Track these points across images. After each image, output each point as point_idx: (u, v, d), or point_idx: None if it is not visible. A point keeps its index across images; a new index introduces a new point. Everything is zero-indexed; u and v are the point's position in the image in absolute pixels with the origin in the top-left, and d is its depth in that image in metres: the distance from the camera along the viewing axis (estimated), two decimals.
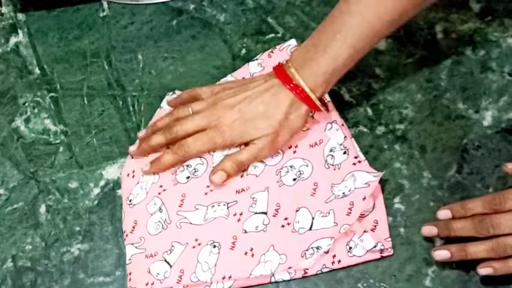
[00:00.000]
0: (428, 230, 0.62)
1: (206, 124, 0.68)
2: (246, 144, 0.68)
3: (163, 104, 0.75)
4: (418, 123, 0.70)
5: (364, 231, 0.63)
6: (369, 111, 0.72)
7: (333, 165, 0.67)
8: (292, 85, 0.66)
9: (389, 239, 0.64)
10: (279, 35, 0.79)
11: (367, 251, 0.63)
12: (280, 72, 0.67)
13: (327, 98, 0.71)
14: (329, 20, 0.66)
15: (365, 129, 0.71)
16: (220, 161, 0.68)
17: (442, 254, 0.61)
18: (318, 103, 0.66)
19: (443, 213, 0.62)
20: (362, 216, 0.65)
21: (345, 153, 0.67)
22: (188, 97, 0.72)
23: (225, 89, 0.69)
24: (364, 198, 0.64)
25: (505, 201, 0.59)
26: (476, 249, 0.59)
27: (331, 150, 0.68)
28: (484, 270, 0.59)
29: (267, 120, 0.66)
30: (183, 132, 0.68)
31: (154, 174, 0.70)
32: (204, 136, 0.68)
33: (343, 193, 0.65)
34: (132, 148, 0.71)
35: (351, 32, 0.64)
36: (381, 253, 0.63)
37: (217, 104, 0.68)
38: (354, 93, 0.73)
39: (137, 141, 0.72)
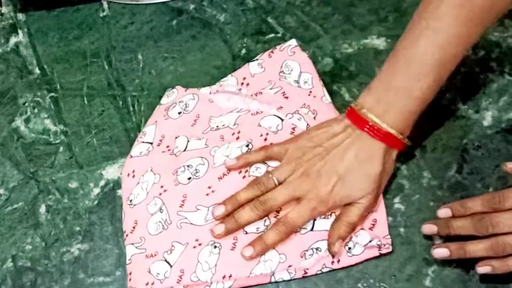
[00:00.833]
0: (429, 228, 0.63)
1: (301, 194, 0.64)
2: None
3: (163, 100, 0.75)
4: (418, 123, 0.70)
5: (361, 229, 0.64)
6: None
7: None
8: (381, 135, 0.62)
9: (388, 236, 0.64)
10: (279, 35, 0.79)
11: (365, 248, 0.63)
12: (361, 122, 0.63)
13: (328, 99, 0.71)
14: (401, 56, 0.62)
15: None
16: (332, 226, 0.64)
17: (441, 252, 0.61)
18: (409, 143, 0.64)
19: (443, 212, 0.62)
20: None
21: None
22: (258, 160, 0.67)
23: (303, 149, 0.65)
24: None
25: (504, 200, 0.59)
26: (475, 248, 0.60)
27: None
28: (482, 268, 0.60)
29: (367, 179, 0.63)
30: (278, 206, 0.64)
31: (255, 257, 0.64)
32: (306, 208, 0.63)
33: None
34: (219, 230, 0.64)
35: (428, 68, 0.61)
36: (379, 250, 0.63)
37: (307, 171, 0.64)
38: (354, 93, 0.73)
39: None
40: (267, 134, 0.70)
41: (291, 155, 0.66)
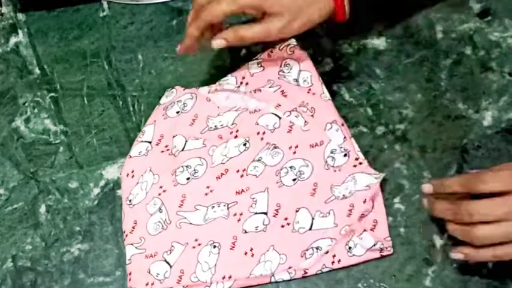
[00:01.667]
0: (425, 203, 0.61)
1: None
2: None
3: (162, 100, 0.75)
4: (418, 123, 0.70)
5: (364, 230, 0.64)
6: (369, 111, 0.72)
7: (333, 166, 0.67)
8: None
9: (389, 238, 0.64)
10: None
11: (367, 250, 0.63)
12: None
13: (327, 96, 0.71)
14: None
15: (365, 129, 0.71)
16: (224, 31, 0.67)
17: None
18: (347, 10, 0.65)
19: (426, 187, 0.61)
20: (362, 216, 0.65)
21: (345, 155, 0.67)
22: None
23: None
24: (364, 201, 0.64)
25: (479, 182, 0.56)
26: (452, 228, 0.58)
27: (331, 152, 0.68)
28: (455, 255, 0.59)
29: (285, 3, 0.64)
30: (212, 18, 0.66)
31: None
32: None
33: (343, 195, 0.65)
34: (179, 47, 0.69)
35: None
36: (380, 252, 0.63)
37: None
38: (354, 93, 0.73)
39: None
40: (264, 132, 0.70)
41: None
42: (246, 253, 0.64)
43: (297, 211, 0.65)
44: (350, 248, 0.64)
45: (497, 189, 0.54)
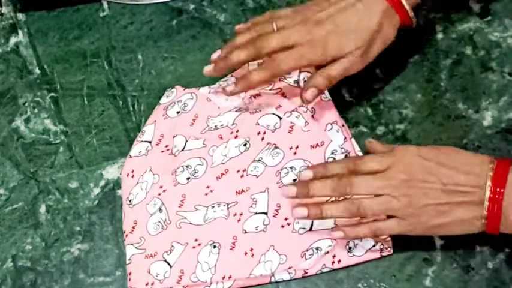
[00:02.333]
0: (289, 189, 0.62)
1: (296, 40, 0.64)
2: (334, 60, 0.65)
3: (162, 100, 0.75)
4: (418, 123, 0.70)
5: None
6: (369, 111, 0.72)
7: None
8: None
9: (389, 239, 0.64)
10: None
11: (367, 251, 0.63)
12: None
13: (328, 96, 0.71)
14: None
15: (365, 129, 0.71)
16: (310, 76, 0.65)
17: (299, 211, 0.61)
18: (412, 15, 0.65)
19: (305, 174, 0.62)
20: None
21: (346, 156, 0.67)
22: (265, 19, 0.68)
23: (310, 6, 0.66)
24: None
25: (361, 164, 0.60)
26: (331, 207, 0.60)
27: (332, 153, 0.68)
28: (335, 233, 0.61)
29: (360, 33, 0.63)
30: (269, 49, 0.64)
31: (238, 93, 0.66)
32: (295, 53, 0.64)
33: None
34: (208, 68, 0.66)
35: None
36: (380, 252, 0.63)
37: (306, 20, 0.64)
38: (354, 93, 0.73)
39: (211, 63, 0.69)
40: (265, 132, 0.70)
41: (296, 11, 0.66)
42: (246, 253, 0.64)
43: None
44: (350, 248, 0.64)
45: (374, 168, 0.59)
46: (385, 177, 0.59)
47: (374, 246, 0.63)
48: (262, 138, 0.69)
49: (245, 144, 0.69)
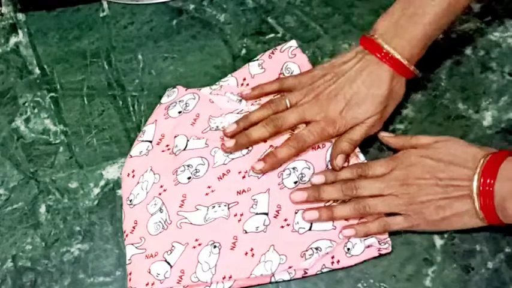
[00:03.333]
0: (299, 195, 0.65)
1: (311, 117, 0.67)
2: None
3: (163, 100, 0.75)
4: (418, 123, 0.70)
5: None
6: (419, 73, 0.71)
7: None
8: (389, 60, 0.65)
9: (388, 239, 0.64)
10: (279, 35, 0.79)
11: (365, 248, 0.63)
12: (372, 47, 0.66)
13: None
14: None
15: None
16: (335, 143, 0.67)
17: (310, 214, 0.64)
18: (417, 72, 0.67)
19: (317, 178, 0.66)
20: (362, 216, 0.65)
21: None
22: (273, 90, 0.72)
23: (315, 78, 0.69)
24: None
25: (368, 169, 0.65)
26: (341, 209, 0.64)
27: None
28: (347, 231, 0.64)
29: (372, 101, 0.66)
30: (287, 126, 0.68)
31: (266, 171, 0.68)
32: (315, 128, 0.67)
33: None
34: (229, 144, 0.68)
35: None
36: (379, 250, 0.63)
37: (318, 95, 0.67)
38: None
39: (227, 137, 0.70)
40: None
41: (304, 83, 0.69)
42: (246, 253, 0.64)
43: (296, 212, 0.66)
44: (348, 249, 0.64)
45: (379, 172, 0.64)
46: (388, 179, 0.64)
47: (373, 244, 0.63)
48: (265, 140, 0.69)
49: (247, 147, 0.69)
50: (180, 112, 0.73)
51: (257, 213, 0.66)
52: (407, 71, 0.66)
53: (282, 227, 0.65)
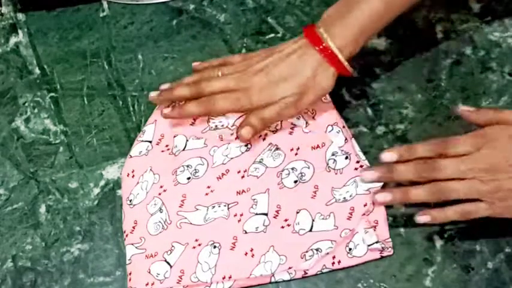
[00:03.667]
0: (370, 174, 0.61)
1: (234, 86, 0.68)
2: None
3: None
4: (418, 123, 0.70)
5: (370, 228, 0.64)
6: (369, 111, 0.72)
7: (334, 169, 0.67)
8: (320, 46, 0.65)
9: (389, 240, 0.64)
10: (279, 35, 0.79)
11: (368, 250, 0.63)
12: (309, 32, 0.66)
13: (328, 98, 0.71)
14: None
15: (365, 129, 0.71)
16: (245, 117, 0.68)
17: (382, 196, 0.61)
18: (346, 64, 0.65)
19: (388, 156, 0.61)
20: (363, 214, 0.65)
21: (346, 158, 0.67)
22: (217, 63, 0.73)
23: (256, 56, 0.70)
24: (365, 205, 0.64)
25: (449, 146, 0.59)
26: (417, 192, 0.59)
27: (333, 155, 0.68)
28: (422, 218, 0.60)
29: (291, 82, 0.66)
30: (209, 90, 0.69)
31: (172, 118, 0.70)
32: (231, 96, 0.68)
33: (344, 198, 0.65)
34: (153, 94, 0.71)
35: None
36: (380, 253, 0.63)
37: (246, 68, 0.68)
38: (354, 93, 0.73)
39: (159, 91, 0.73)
40: (266, 134, 0.70)
41: (244, 59, 0.71)
42: (246, 253, 0.64)
43: (297, 212, 0.65)
44: (350, 249, 0.64)
45: (463, 151, 0.58)
46: (473, 160, 0.58)
47: (377, 242, 0.63)
48: (264, 139, 0.69)
49: (246, 145, 0.69)
50: None
51: (257, 214, 0.66)
52: (337, 62, 0.65)
53: (282, 227, 0.65)
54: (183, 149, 0.70)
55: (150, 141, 0.72)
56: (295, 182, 0.67)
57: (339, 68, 0.66)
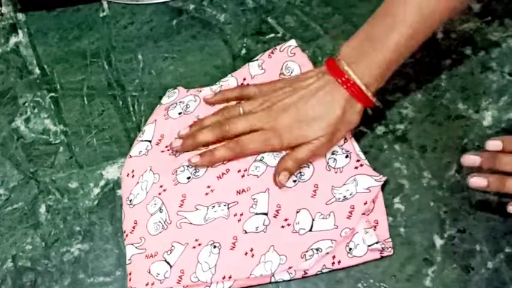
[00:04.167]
0: (471, 159, 0.61)
1: (261, 126, 0.67)
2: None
3: (164, 100, 0.75)
4: (418, 123, 0.70)
5: (370, 228, 0.63)
6: (369, 111, 0.71)
7: (334, 168, 0.67)
8: (347, 83, 0.64)
9: (390, 240, 0.64)
10: (279, 35, 0.79)
11: (368, 250, 0.63)
12: (333, 68, 0.66)
13: None
14: (382, 11, 0.64)
15: (365, 129, 0.71)
16: (280, 161, 0.67)
17: (478, 181, 0.60)
18: (374, 99, 0.65)
19: (494, 144, 0.60)
20: (363, 214, 0.65)
21: (347, 156, 0.67)
22: (234, 97, 0.72)
23: (276, 89, 0.69)
24: (365, 203, 0.64)
25: None
26: None
27: (333, 153, 0.68)
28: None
29: (323, 122, 0.65)
30: (235, 131, 0.68)
31: (202, 167, 0.68)
32: (260, 136, 0.67)
33: (344, 196, 0.65)
34: (176, 143, 0.70)
35: (407, 21, 0.62)
36: (381, 253, 0.63)
37: (271, 105, 0.67)
38: None
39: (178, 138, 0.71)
40: None
41: (264, 93, 0.69)
42: (246, 253, 0.64)
43: (297, 212, 0.65)
44: (350, 249, 0.64)
45: None
46: None
47: (376, 243, 0.63)
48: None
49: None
50: (180, 113, 0.73)
51: (257, 213, 0.66)
52: (364, 98, 0.65)
53: (283, 227, 0.65)
54: None
55: (150, 141, 0.72)
56: (295, 181, 0.67)
57: (366, 103, 0.66)
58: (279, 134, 0.66)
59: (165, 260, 0.65)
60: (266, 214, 0.66)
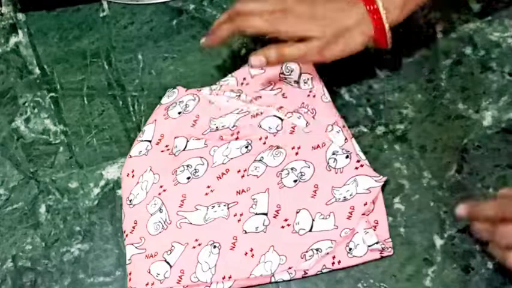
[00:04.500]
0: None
1: (273, 8, 0.66)
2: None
3: (163, 100, 0.75)
4: (418, 123, 0.70)
5: (369, 228, 0.63)
6: (369, 111, 0.72)
7: (334, 168, 0.67)
8: (369, 2, 0.64)
9: (390, 240, 0.64)
10: None
11: (368, 250, 0.63)
12: None
13: (328, 97, 0.71)
14: None
15: (365, 129, 0.71)
16: (265, 47, 0.66)
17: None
18: (387, 27, 0.65)
19: (461, 210, 0.57)
20: (363, 214, 0.65)
21: (347, 157, 0.67)
22: None
23: None
24: (365, 204, 0.64)
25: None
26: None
27: (333, 154, 0.68)
28: None
29: (332, 23, 0.64)
30: (246, 9, 0.67)
31: (210, 43, 0.69)
32: (268, 16, 0.66)
33: (344, 197, 0.65)
34: (203, 40, 0.70)
35: None
36: (381, 253, 0.63)
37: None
38: (354, 93, 0.73)
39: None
40: (266, 137, 0.70)
41: None
42: (246, 253, 0.64)
43: (297, 212, 0.65)
44: (350, 249, 0.64)
45: None
46: None
47: (376, 243, 0.63)
48: (264, 143, 0.69)
49: (247, 147, 0.69)
50: (180, 113, 0.73)
51: (256, 213, 0.66)
52: (379, 21, 0.65)
53: (282, 227, 0.65)
54: (183, 149, 0.70)
55: (150, 141, 0.72)
56: (295, 181, 0.67)
57: (378, 30, 0.65)
58: (286, 19, 0.65)
59: (165, 260, 0.65)
60: (266, 214, 0.66)
